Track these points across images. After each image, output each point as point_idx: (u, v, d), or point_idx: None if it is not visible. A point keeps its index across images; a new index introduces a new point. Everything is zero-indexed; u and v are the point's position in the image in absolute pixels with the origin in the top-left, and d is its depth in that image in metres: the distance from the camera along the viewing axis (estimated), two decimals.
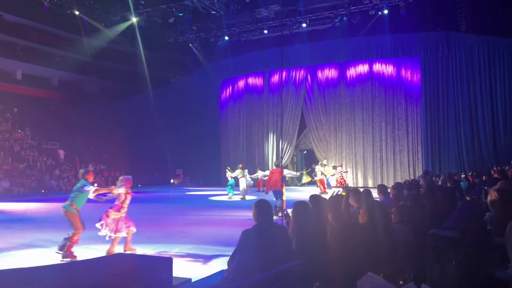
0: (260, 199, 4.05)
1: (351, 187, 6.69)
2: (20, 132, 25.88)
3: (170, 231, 9.91)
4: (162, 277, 5.09)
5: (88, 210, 7.79)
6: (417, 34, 22.08)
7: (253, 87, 27.35)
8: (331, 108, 24.54)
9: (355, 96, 23.92)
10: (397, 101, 23.00)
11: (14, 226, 10.93)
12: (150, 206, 16.78)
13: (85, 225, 7.25)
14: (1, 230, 10.29)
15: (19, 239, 8.95)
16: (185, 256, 7.18)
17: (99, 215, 7.61)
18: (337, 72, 24.58)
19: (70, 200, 7.19)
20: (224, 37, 25.69)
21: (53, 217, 13.09)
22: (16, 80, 29.18)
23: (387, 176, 22.50)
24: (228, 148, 28.14)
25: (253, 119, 27.20)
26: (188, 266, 6.41)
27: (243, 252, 3.87)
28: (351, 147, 23.89)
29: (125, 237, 7.52)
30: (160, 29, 25.89)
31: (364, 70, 23.89)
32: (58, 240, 7.35)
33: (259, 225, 3.92)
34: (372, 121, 23.41)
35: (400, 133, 22.80)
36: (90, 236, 9.17)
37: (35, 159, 24.33)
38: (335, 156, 24.03)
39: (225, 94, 28.73)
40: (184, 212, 14.06)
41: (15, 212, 14.45)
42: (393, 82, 23.12)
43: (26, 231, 10.01)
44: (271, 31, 24.44)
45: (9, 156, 22.96)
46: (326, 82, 24.82)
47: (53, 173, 23.46)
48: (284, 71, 25.70)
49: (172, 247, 8.01)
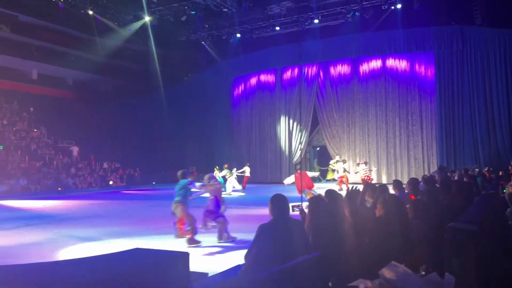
0: (277, 194, 4.08)
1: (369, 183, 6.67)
2: (36, 131, 26.29)
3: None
4: (179, 271, 5.16)
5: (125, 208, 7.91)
6: (431, 29, 21.83)
7: (265, 84, 27.36)
8: (344, 104, 24.43)
9: (368, 92, 23.78)
10: (411, 96, 22.80)
11: (33, 223, 11.14)
12: (165, 202, 16.92)
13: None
14: (20, 227, 10.49)
15: (38, 236, 9.12)
16: (202, 251, 7.24)
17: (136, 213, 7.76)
18: (349, 68, 24.45)
19: (179, 196, 7.89)
20: (236, 35, 25.73)
21: (70, 214, 13.34)
22: (32, 80, 29.63)
23: (401, 172, 22.34)
24: (240, 145, 28.21)
25: (265, 116, 27.22)
26: (204, 261, 6.46)
27: (260, 246, 3.91)
28: (364, 143, 23.77)
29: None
30: (173, 28, 26.04)
31: (377, 66, 23.72)
32: (77, 236, 7.49)
33: (275, 219, 3.96)
34: (385, 117, 23.24)
35: (414, 129, 22.60)
36: (111, 232, 9.32)
37: (51, 157, 24.71)
38: (348, 153, 23.94)
39: (237, 91, 28.80)
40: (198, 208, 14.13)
41: (33, 210, 14.71)
42: (406, 77, 22.91)
43: (45, 228, 10.20)
44: (283, 28, 24.40)
45: (26, 154, 23.36)
46: (339, 78, 24.71)
47: (69, 171, 23.80)
48: (297, 68, 25.67)
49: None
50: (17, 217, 12.43)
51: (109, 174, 26.17)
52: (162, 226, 10.13)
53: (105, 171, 26.27)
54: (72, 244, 8.03)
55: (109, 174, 26.17)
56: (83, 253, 6.93)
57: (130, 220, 11.56)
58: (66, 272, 5.07)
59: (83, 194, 20.34)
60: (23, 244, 8.28)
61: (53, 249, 7.67)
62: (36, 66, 29.37)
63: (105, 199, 18.11)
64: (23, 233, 9.48)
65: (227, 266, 5.85)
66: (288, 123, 26.19)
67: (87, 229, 9.87)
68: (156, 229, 9.76)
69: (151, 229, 9.80)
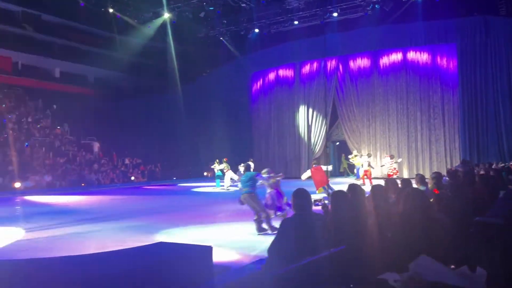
0: (299, 189, 4.10)
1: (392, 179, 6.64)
2: (59, 128, 26.87)
3: (207, 221, 10.12)
4: (202, 265, 5.23)
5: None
6: (453, 20, 21.38)
7: (284, 79, 27.28)
8: (363, 98, 24.19)
9: (388, 86, 23.48)
10: (433, 89, 22.42)
11: (58, 217, 11.42)
12: (185, 197, 17.18)
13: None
14: (46, 221, 10.77)
15: (63, 230, 9.35)
16: (224, 245, 7.31)
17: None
18: (369, 61, 24.17)
19: (248, 187, 8.52)
20: (255, 30, 25.70)
21: (94, 209, 13.62)
22: (55, 78, 30.26)
23: (422, 166, 22.04)
24: (260, 140, 28.26)
25: (284, 111, 27.16)
26: (227, 255, 6.53)
27: (283, 240, 3.94)
28: (385, 138, 23.51)
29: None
30: (191, 24, 26.18)
31: (397, 59, 23.38)
32: (101, 230, 7.65)
33: (298, 214, 3.99)
34: (406, 110, 22.93)
35: (436, 122, 22.24)
36: (134, 226, 9.49)
37: (75, 153, 25.23)
38: (369, 147, 23.72)
39: (255, 86, 28.80)
40: (217, 202, 14.29)
41: (58, 205, 15.08)
42: (428, 70, 22.53)
43: (69, 222, 10.44)
44: (302, 22, 24.25)
45: (50, 151, 23.90)
46: (359, 72, 24.46)
47: (91, 167, 24.27)
48: (316, 62, 25.52)
49: (211, 236, 8.18)
50: (43, 212, 12.76)
51: (130, 169, 26.58)
52: (186, 220, 10.28)
53: (126, 167, 26.70)
54: (97, 238, 8.22)
55: (130, 169, 26.58)
56: (108, 247, 7.08)
57: (154, 214, 11.74)
58: (91, 266, 5.20)
59: (106, 190, 20.71)
60: (49, 238, 8.51)
61: (78, 243, 7.85)
62: (58, 65, 29.98)
63: (127, 195, 18.43)
64: (49, 228, 9.73)
65: (250, 260, 5.91)
66: (307, 118, 26.08)
67: (111, 223, 10.07)
68: (180, 223, 9.90)
69: (174, 223, 9.93)
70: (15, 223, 10.51)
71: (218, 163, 19.41)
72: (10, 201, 16.20)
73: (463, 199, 4.39)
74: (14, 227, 9.86)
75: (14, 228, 9.72)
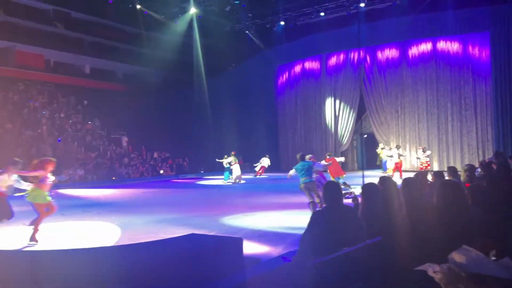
0: (330, 181, 4.11)
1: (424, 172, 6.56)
2: (90, 123, 27.53)
3: (236, 213, 10.22)
4: (232, 257, 5.31)
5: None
6: (486, 8, 20.66)
7: (310, 71, 27.09)
8: (392, 90, 23.78)
9: (417, 77, 22.99)
10: (464, 80, 21.81)
11: (91, 210, 11.77)
12: (215, 190, 17.38)
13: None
14: (80, 213, 11.11)
15: (97, 222, 9.63)
16: (254, 237, 7.37)
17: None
18: (398, 52, 23.71)
19: (306, 176, 9.03)
20: (280, 22, 25.59)
21: (125, 202, 13.96)
22: (85, 74, 30.99)
23: (454, 159, 21.54)
24: (285, 134, 28.22)
25: (310, 104, 27.01)
26: (257, 247, 6.59)
27: (314, 233, 3.96)
28: (414, 130, 23.08)
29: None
30: (217, 18, 26.28)
31: (427, 49, 22.84)
32: (134, 222, 7.84)
33: (329, 206, 3.99)
34: (437, 102, 22.41)
35: (468, 114, 21.65)
36: (165, 218, 9.68)
37: (105, 148, 25.83)
38: (398, 140, 23.34)
39: (281, 79, 28.73)
40: (246, 195, 14.39)
41: (91, 198, 15.52)
42: (459, 60, 21.91)
43: (103, 214, 10.75)
44: (328, 13, 23.96)
45: (82, 145, 24.55)
46: (387, 63, 24.03)
47: (122, 161, 24.82)
48: (342, 54, 25.23)
49: (240, 228, 8.27)
50: (76, 204, 13.18)
51: (159, 163, 27.04)
52: (217, 212, 10.41)
53: (155, 161, 27.17)
54: (130, 230, 8.42)
55: (159, 163, 27.04)
56: (140, 239, 7.26)
57: (183, 206, 11.95)
58: (125, 256, 5.36)
59: (136, 183, 21.17)
60: (84, 229, 8.79)
61: (111, 235, 8.08)
62: (88, 61, 30.68)
63: (157, 188, 18.80)
64: (83, 220, 10.05)
65: (280, 252, 5.95)
66: (334, 111, 25.85)
67: (142, 215, 10.30)
68: (211, 215, 10.02)
69: (205, 215, 10.07)
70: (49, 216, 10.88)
71: (226, 157, 19.86)
72: None
73: (499, 192, 4.30)
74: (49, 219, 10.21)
75: (49, 220, 10.07)
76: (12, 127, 22.37)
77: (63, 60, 29.66)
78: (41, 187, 6.98)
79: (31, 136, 22.62)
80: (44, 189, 6.99)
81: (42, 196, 6.94)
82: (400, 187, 3.83)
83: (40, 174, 6.97)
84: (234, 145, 28.56)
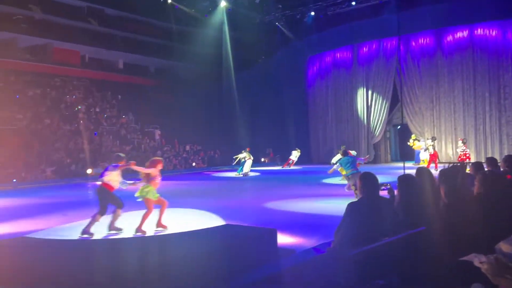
0: (366, 172, 4.07)
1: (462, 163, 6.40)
2: (124, 117, 28.17)
3: (270, 202, 10.28)
4: (267, 248, 5.36)
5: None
6: None
7: (341, 62, 26.70)
8: (426, 79, 23.17)
9: (453, 65, 22.29)
10: (503, 68, 20.98)
11: (127, 201, 12.04)
12: (246, 182, 17.52)
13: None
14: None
15: (132, 213, 9.86)
16: (288, 228, 7.39)
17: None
18: (432, 40, 23.05)
19: (351, 168, 10.28)
20: (310, 13, 25.32)
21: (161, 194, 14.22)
22: (119, 69, 31.69)
23: (491, 150, 20.84)
24: (316, 125, 28.02)
25: (341, 95, 26.68)
26: (290, 238, 6.60)
27: (349, 224, 3.94)
28: (450, 120, 22.44)
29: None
30: (247, 11, 26.26)
31: (463, 36, 22.10)
32: (170, 212, 8.01)
33: (365, 197, 3.96)
34: (473, 91, 21.69)
35: (507, 103, 20.86)
36: (197, 210, 9.83)
37: (139, 141, 26.41)
38: (432, 131, 22.77)
39: (312, 71, 28.46)
40: (277, 187, 14.43)
41: (126, 189, 15.88)
42: (498, 47, 21.07)
43: (138, 206, 10.98)
44: (359, 2, 23.56)
45: (117, 139, 25.19)
46: (421, 52, 23.41)
47: (155, 154, 25.30)
48: (374, 43, 24.74)
49: (273, 219, 8.31)
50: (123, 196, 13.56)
51: (191, 156, 27.42)
52: (251, 202, 10.50)
53: (188, 153, 27.57)
54: (166, 221, 8.59)
55: (191, 156, 27.42)
56: (177, 229, 7.41)
57: (220, 198, 12.08)
58: (161, 246, 5.50)
59: (170, 176, 21.56)
60: (121, 220, 9.02)
61: (148, 226, 8.25)
62: (121, 56, 31.33)
63: (190, 180, 19.13)
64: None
65: (314, 244, 5.96)
66: (366, 101, 25.43)
67: (178, 206, 10.49)
68: (245, 205, 10.11)
69: (238, 206, 10.17)
70: (89, 207, 11.25)
71: (243, 152, 21.15)
72: (84, 186, 17.34)
73: None
74: (87, 211, 10.57)
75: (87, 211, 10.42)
76: (50, 122, 23.17)
77: (98, 56, 30.44)
78: (152, 184, 7.54)
79: (69, 130, 23.38)
80: (155, 186, 7.56)
81: (152, 192, 7.51)
82: (438, 178, 3.76)
83: (152, 172, 7.52)
84: (263, 138, 28.64)
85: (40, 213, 10.15)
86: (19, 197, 13.82)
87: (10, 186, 16.98)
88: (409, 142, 21.87)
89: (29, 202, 12.66)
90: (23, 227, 8.28)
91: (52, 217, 9.62)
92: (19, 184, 17.44)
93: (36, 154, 20.58)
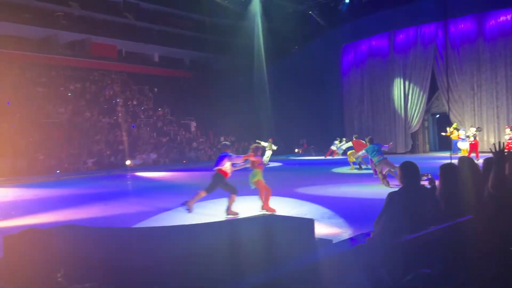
0: (406, 161, 3.99)
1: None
2: (160, 109, 28.72)
3: (306, 195, 10.26)
4: (304, 238, 5.35)
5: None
6: None
7: (377, 50, 26.10)
8: (467, 66, 22.33)
9: (496, 51, 21.36)
10: None
11: (165, 192, 12.35)
12: (281, 173, 17.50)
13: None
14: (155, 195, 11.71)
15: (169, 202, 10.10)
16: (326, 219, 7.37)
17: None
18: (473, 25, 22.14)
19: (378, 156, 11.13)
20: (345, 1, 24.84)
21: (198, 184, 14.47)
22: (154, 62, 32.26)
23: None
24: (351, 115, 27.61)
25: (377, 84, 26.12)
26: (327, 229, 6.58)
27: (390, 214, 3.88)
28: (492, 108, 21.58)
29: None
30: (280, 1, 26.06)
31: (507, 20, 21.11)
32: (207, 202, 8.14)
33: (406, 186, 3.89)
34: None
35: None
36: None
37: (175, 133, 26.89)
38: (473, 119, 21.98)
39: (346, 59, 28.00)
40: (314, 178, 14.36)
41: (164, 179, 16.30)
42: None
43: (176, 195, 11.23)
44: None
45: (154, 131, 25.75)
46: (461, 37, 22.54)
47: (191, 146, 25.73)
48: (412, 29, 24.03)
49: (310, 210, 8.30)
50: (151, 187, 13.94)
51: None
52: (284, 192, 10.51)
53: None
54: (202, 211, 8.75)
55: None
56: (214, 219, 7.53)
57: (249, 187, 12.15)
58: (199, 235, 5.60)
59: (205, 167, 21.86)
60: (159, 208, 9.27)
61: (186, 216, 8.43)
62: (157, 50, 31.88)
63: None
64: (157, 200, 10.59)
65: (349, 234, 5.92)
66: (403, 90, 24.80)
67: (214, 197, 10.63)
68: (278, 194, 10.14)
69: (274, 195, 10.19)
70: (128, 197, 11.60)
71: (264, 142, 21.64)
72: (123, 177, 17.87)
73: None
74: (126, 200, 10.90)
75: (126, 201, 10.74)
76: (90, 115, 23.93)
77: (134, 50, 31.09)
78: (260, 168, 8.40)
79: (108, 123, 24.08)
80: (261, 169, 8.43)
81: (261, 174, 8.37)
82: (483, 168, 3.64)
83: (257, 160, 8.34)
84: (297, 129, 28.48)
85: (82, 203, 10.54)
86: (62, 187, 14.40)
87: (54, 177, 17.73)
88: (447, 131, 21.18)
89: (72, 192, 13.17)
90: (68, 216, 8.63)
91: (93, 206, 9.97)
92: (62, 175, 18.19)
93: (77, 146, 21.36)
